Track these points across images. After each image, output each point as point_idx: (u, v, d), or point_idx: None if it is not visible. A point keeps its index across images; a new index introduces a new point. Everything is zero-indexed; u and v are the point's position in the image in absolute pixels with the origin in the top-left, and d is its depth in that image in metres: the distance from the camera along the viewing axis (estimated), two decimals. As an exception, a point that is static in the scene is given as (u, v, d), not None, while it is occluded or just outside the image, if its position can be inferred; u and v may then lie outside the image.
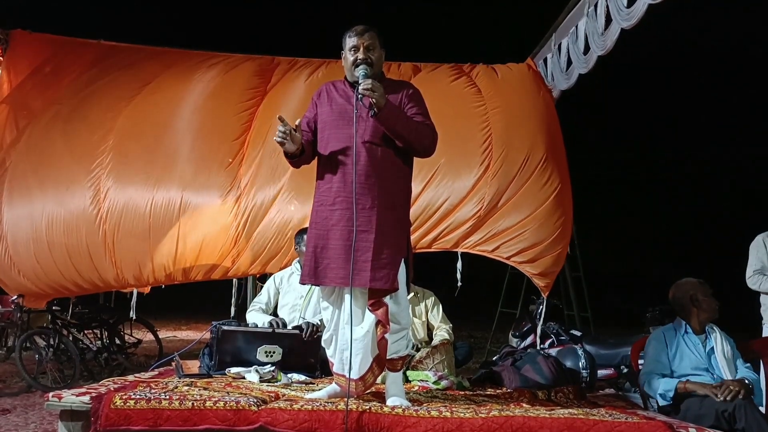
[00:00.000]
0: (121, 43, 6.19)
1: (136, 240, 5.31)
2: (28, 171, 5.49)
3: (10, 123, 5.70)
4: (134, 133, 5.55)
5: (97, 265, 5.37)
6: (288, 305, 4.33)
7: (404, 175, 3.10)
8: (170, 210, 5.32)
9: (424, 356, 3.87)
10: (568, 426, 2.59)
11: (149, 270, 5.37)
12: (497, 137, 5.37)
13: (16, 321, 6.16)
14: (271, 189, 5.43)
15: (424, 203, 5.28)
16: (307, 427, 2.59)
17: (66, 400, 2.69)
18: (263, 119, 5.65)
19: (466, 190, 5.29)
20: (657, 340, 3.65)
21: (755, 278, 4.55)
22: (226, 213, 5.37)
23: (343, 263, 2.89)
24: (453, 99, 5.58)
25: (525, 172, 5.30)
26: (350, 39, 3.04)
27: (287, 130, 2.93)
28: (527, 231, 5.19)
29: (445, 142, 5.28)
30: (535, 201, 5.24)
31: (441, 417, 2.64)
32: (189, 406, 2.66)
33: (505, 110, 5.52)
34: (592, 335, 6.18)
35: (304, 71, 6.02)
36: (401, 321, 2.98)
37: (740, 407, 3.07)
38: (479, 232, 5.28)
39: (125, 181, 5.38)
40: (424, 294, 4.58)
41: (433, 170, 5.31)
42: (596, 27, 5.09)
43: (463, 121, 5.48)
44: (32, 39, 5.96)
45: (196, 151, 5.52)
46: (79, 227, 5.31)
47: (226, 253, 5.39)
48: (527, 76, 5.98)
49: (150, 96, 5.72)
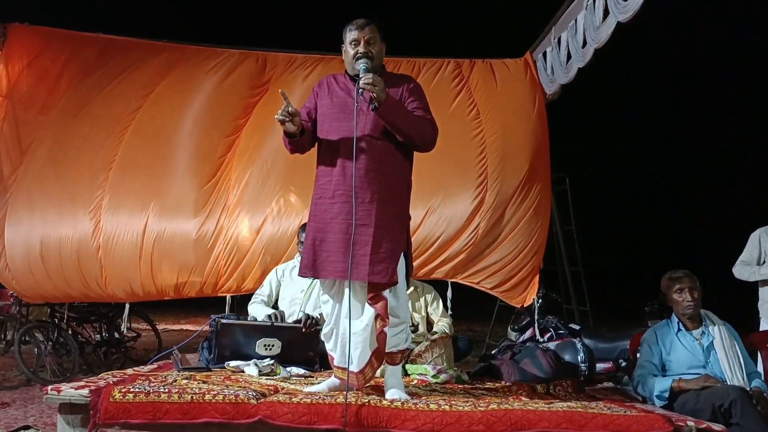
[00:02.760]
0: (118, 36, 6.16)
1: (128, 257, 5.57)
2: (33, 189, 5.64)
3: (9, 117, 5.69)
4: (134, 160, 5.74)
5: (88, 280, 5.60)
6: (288, 298, 4.33)
7: (404, 169, 3.09)
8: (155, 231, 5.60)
9: (423, 350, 3.87)
10: (566, 419, 2.59)
11: (138, 285, 5.64)
12: (492, 169, 5.75)
13: (15, 314, 6.16)
14: (261, 208, 5.71)
15: (423, 235, 5.62)
16: (306, 420, 2.59)
17: (65, 394, 2.68)
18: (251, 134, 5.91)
19: (461, 223, 5.68)
20: (649, 341, 3.65)
21: (739, 267, 4.66)
22: (208, 232, 5.67)
23: (342, 256, 2.89)
24: (453, 127, 5.74)
25: (516, 207, 5.76)
26: (351, 32, 3.03)
27: (289, 109, 2.92)
28: (510, 265, 5.75)
29: (445, 173, 5.72)
30: (522, 237, 5.76)
31: (440, 410, 2.64)
32: (188, 399, 2.66)
33: (502, 134, 5.85)
34: (590, 329, 6.20)
35: (300, 74, 6.09)
36: (400, 315, 2.98)
37: (736, 402, 3.07)
38: (470, 265, 5.79)
39: (119, 203, 5.63)
40: (423, 288, 4.59)
41: (431, 202, 5.66)
42: (594, 20, 5.09)
43: (462, 151, 5.79)
44: (30, 32, 5.93)
45: (191, 169, 5.77)
46: (73, 244, 5.55)
47: (213, 270, 5.66)
48: (523, 82, 6.13)
49: (147, 122, 5.87)
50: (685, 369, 3.49)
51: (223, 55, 6.15)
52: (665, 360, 3.57)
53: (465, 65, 6.23)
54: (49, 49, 5.93)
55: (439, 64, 6.22)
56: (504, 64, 6.28)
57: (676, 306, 3.62)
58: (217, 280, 5.69)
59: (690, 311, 3.58)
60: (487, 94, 6.03)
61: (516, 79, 6.14)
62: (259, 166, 5.81)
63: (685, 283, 3.60)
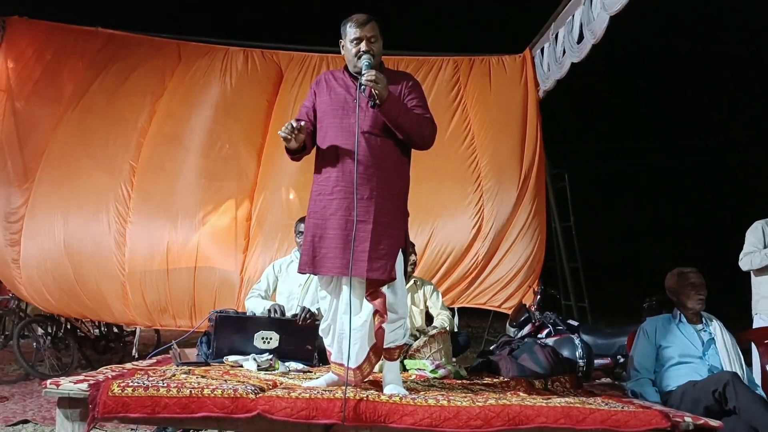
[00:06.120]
0: (118, 31, 6.16)
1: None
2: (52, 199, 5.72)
3: (9, 110, 5.69)
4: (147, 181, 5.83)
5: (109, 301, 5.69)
6: (285, 293, 4.34)
7: (403, 166, 3.09)
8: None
9: (421, 345, 3.87)
10: (564, 415, 2.60)
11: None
12: (488, 195, 5.97)
13: (14, 309, 6.16)
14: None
15: (427, 264, 5.79)
16: (304, 415, 2.59)
17: (64, 388, 2.68)
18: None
19: (462, 251, 5.88)
20: (644, 336, 3.64)
21: (747, 258, 4.49)
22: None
23: (341, 253, 2.89)
24: (450, 155, 6.00)
25: (513, 224, 5.99)
26: (351, 30, 3.01)
27: (296, 126, 2.92)
28: (514, 280, 5.97)
29: (441, 203, 5.94)
30: (522, 251, 5.98)
31: (438, 405, 2.64)
32: (187, 393, 2.65)
33: (495, 154, 6.05)
34: (589, 325, 6.21)
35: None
36: (398, 310, 2.98)
37: (729, 385, 3.08)
38: (474, 287, 5.99)
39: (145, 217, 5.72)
40: (423, 282, 4.59)
41: (430, 232, 5.86)
42: (591, 15, 5.10)
43: (460, 183, 6.01)
44: (30, 26, 5.94)
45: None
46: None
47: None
48: (518, 88, 6.27)
49: (162, 128, 5.95)
50: (677, 356, 3.49)
51: (228, 52, 6.20)
52: (659, 350, 3.57)
53: (463, 67, 6.27)
54: (49, 43, 5.94)
55: (438, 65, 6.25)
56: (502, 63, 6.31)
57: (686, 299, 3.62)
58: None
59: (699, 306, 3.62)
60: (482, 111, 6.20)
61: (511, 85, 6.28)
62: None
63: (698, 279, 3.65)
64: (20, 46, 5.83)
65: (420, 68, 6.20)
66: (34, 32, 5.91)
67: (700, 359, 3.48)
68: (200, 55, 6.17)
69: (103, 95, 5.86)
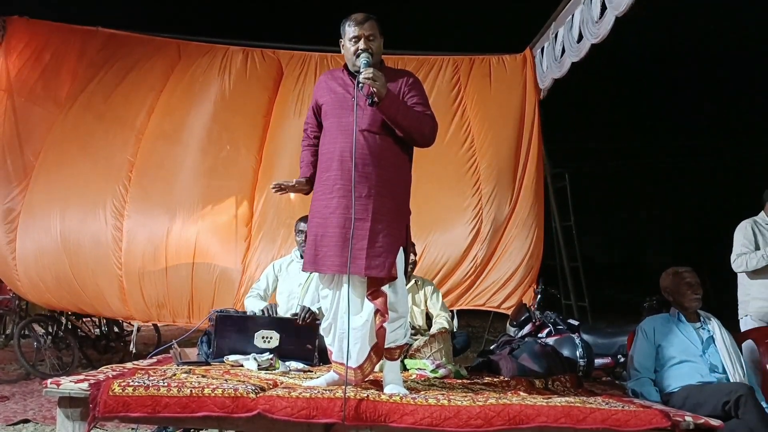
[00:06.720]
0: (118, 30, 6.16)
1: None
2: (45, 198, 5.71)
3: (9, 109, 5.69)
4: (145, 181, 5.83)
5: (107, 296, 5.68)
6: (286, 293, 4.34)
7: (403, 163, 3.09)
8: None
9: (422, 345, 3.87)
10: (564, 414, 2.60)
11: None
12: (486, 199, 5.99)
13: (15, 308, 6.16)
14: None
15: (425, 268, 5.77)
16: (305, 414, 2.59)
17: (64, 387, 2.68)
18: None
19: (460, 254, 5.91)
20: (643, 336, 3.63)
21: (741, 259, 4.45)
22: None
23: (340, 251, 2.89)
24: (449, 159, 6.02)
25: (510, 225, 6.01)
26: (350, 28, 3.02)
27: (284, 185, 3.12)
28: (511, 280, 5.98)
29: (440, 206, 5.96)
30: (519, 251, 6.00)
31: (438, 405, 2.64)
32: (187, 393, 2.65)
33: (495, 154, 6.05)
34: (589, 324, 6.21)
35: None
36: (399, 310, 2.98)
37: (743, 400, 3.05)
38: (473, 289, 6.01)
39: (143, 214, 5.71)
40: (423, 282, 4.59)
41: (428, 238, 5.87)
42: (591, 15, 5.10)
43: (458, 185, 6.03)
44: (30, 26, 5.94)
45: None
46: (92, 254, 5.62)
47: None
48: (518, 90, 6.25)
49: (161, 126, 5.95)
50: (676, 355, 3.48)
51: (228, 51, 6.20)
52: (659, 349, 3.57)
53: (463, 67, 6.26)
54: (50, 43, 5.94)
55: (438, 65, 6.25)
56: (503, 62, 6.31)
57: (682, 299, 3.62)
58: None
59: (696, 305, 3.61)
60: (482, 112, 6.19)
61: (512, 84, 6.26)
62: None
63: (694, 278, 3.64)
64: (20, 46, 5.83)
65: (420, 68, 6.20)
66: (34, 32, 5.91)
67: (700, 358, 3.48)
68: (200, 53, 6.17)
69: (102, 93, 5.86)
